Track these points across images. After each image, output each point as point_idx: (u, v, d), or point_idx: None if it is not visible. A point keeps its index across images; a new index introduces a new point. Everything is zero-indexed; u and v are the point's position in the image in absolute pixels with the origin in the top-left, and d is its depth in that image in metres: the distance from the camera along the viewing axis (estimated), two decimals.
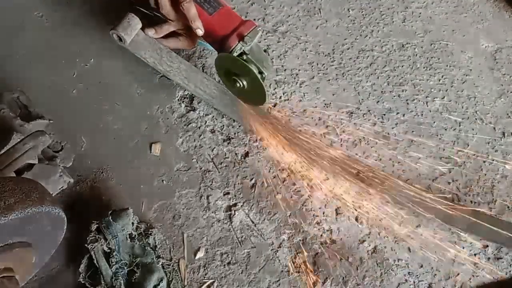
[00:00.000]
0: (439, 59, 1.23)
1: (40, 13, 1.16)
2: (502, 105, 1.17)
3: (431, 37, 1.27)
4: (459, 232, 0.95)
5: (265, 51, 0.89)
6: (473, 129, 1.12)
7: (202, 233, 0.92)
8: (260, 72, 0.86)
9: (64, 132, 0.99)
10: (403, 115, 1.12)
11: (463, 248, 0.94)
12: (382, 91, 1.15)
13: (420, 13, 1.32)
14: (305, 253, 0.91)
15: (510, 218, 0.99)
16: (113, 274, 0.82)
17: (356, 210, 0.97)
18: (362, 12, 1.30)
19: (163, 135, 1.03)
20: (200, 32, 0.87)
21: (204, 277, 0.88)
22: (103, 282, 0.82)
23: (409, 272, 0.91)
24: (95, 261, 0.83)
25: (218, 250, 0.91)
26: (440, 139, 1.09)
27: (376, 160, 1.04)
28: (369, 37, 1.25)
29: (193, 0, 0.86)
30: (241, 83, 0.89)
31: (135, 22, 0.87)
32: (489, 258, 0.94)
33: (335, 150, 1.02)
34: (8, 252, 0.59)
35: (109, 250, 0.84)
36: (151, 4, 0.87)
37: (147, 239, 0.88)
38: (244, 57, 0.85)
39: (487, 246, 0.95)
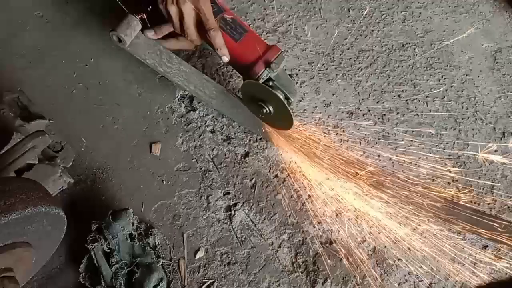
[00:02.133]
0: (439, 59, 1.23)
1: (40, 13, 1.16)
2: (502, 105, 1.17)
3: (431, 37, 1.27)
4: (459, 232, 0.95)
5: (290, 75, 0.89)
6: (473, 129, 1.12)
7: (202, 233, 0.92)
8: (287, 98, 0.86)
9: (64, 132, 0.99)
10: (403, 115, 1.12)
11: (463, 248, 0.94)
12: (382, 91, 1.15)
13: (420, 13, 1.32)
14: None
15: (510, 218, 0.99)
16: (113, 274, 0.82)
17: (356, 210, 0.97)
18: (362, 12, 1.30)
19: (163, 135, 1.03)
20: (226, 59, 0.86)
21: (204, 277, 0.88)
22: (103, 282, 0.82)
23: (409, 272, 0.91)
24: (95, 261, 0.83)
25: (218, 250, 0.91)
26: (440, 139, 1.09)
27: (376, 160, 1.04)
28: (369, 37, 1.25)
29: (219, 26, 0.85)
30: (267, 109, 0.89)
31: (135, 24, 0.87)
32: (489, 258, 0.94)
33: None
34: (8, 252, 0.59)
35: (109, 250, 0.84)
36: (176, 30, 0.87)
37: (147, 239, 0.88)
38: (271, 83, 0.85)
39: (487, 246, 0.95)
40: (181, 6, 0.82)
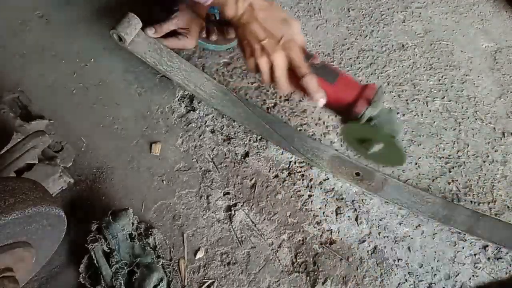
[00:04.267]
0: (439, 59, 1.23)
1: (40, 13, 1.16)
2: (502, 105, 1.17)
3: (431, 37, 1.28)
4: (459, 232, 0.95)
5: (390, 110, 0.84)
6: (473, 129, 1.12)
7: (202, 233, 0.92)
8: (392, 135, 0.81)
9: (64, 132, 0.99)
10: (403, 115, 1.12)
11: (463, 248, 0.94)
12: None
13: (420, 13, 1.32)
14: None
15: (510, 218, 0.99)
16: (113, 274, 0.82)
17: (356, 210, 0.97)
18: (362, 12, 1.30)
19: (163, 135, 1.03)
20: (323, 101, 0.81)
21: (204, 277, 0.88)
22: (103, 282, 0.82)
23: (409, 272, 0.91)
24: (95, 261, 0.83)
25: (218, 250, 0.91)
26: (440, 139, 1.09)
27: None
28: (369, 37, 1.25)
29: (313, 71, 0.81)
30: (374, 148, 0.84)
31: (135, 22, 0.87)
32: (489, 258, 0.94)
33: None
34: (8, 252, 0.59)
35: (109, 250, 0.84)
36: (265, 82, 0.83)
37: (147, 239, 0.88)
38: (373, 122, 0.80)
39: (487, 246, 0.95)
40: (271, 58, 0.78)
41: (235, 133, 1.04)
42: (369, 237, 0.94)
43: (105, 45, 1.12)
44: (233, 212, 0.94)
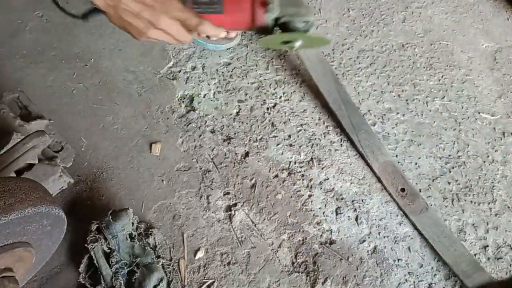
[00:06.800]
0: (439, 59, 1.23)
1: (40, 13, 1.16)
2: (502, 105, 1.17)
3: (431, 37, 1.28)
4: (459, 232, 0.95)
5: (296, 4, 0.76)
6: (473, 129, 1.12)
7: (202, 233, 0.92)
8: (305, 22, 0.76)
9: (64, 132, 0.99)
10: (403, 115, 1.12)
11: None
12: (382, 91, 1.15)
13: (420, 13, 1.32)
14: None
15: (510, 218, 0.99)
16: (113, 274, 0.82)
17: (356, 210, 0.97)
18: (362, 12, 1.30)
19: (163, 135, 1.03)
20: (224, 34, 0.79)
21: (204, 277, 0.88)
22: (103, 282, 0.81)
23: (409, 272, 0.91)
24: (95, 261, 0.83)
25: (218, 250, 0.91)
26: (440, 139, 1.09)
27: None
28: (369, 37, 1.25)
29: (199, 12, 0.77)
30: (296, 45, 0.79)
31: None
32: (489, 258, 0.94)
33: None
34: (8, 252, 0.59)
35: (109, 250, 0.84)
36: (173, 43, 0.78)
37: (147, 239, 0.88)
38: (280, 21, 0.75)
39: (487, 246, 0.95)
40: (159, 27, 0.76)
41: (235, 133, 1.04)
42: (369, 237, 0.94)
43: (105, 45, 1.12)
44: (233, 212, 0.94)
